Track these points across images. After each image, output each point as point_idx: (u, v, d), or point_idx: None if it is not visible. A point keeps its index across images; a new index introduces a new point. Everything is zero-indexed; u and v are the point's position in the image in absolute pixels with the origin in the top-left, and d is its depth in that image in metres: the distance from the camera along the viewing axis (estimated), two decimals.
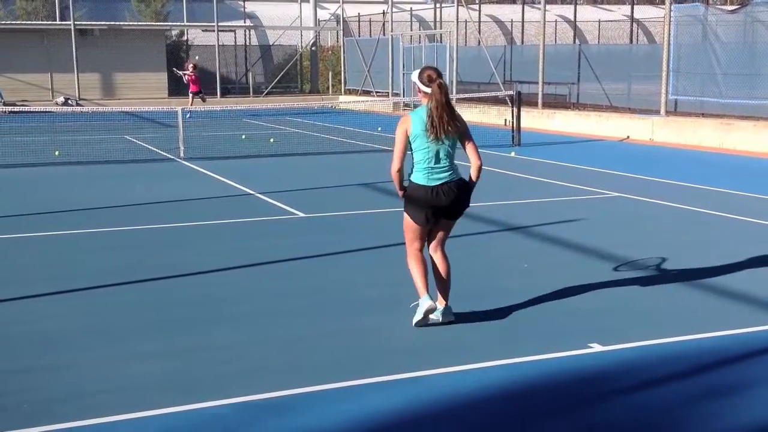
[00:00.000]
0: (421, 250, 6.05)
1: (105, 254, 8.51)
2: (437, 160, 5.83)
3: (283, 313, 6.43)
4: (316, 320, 6.25)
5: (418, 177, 5.88)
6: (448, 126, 5.76)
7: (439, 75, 5.83)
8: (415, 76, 5.89)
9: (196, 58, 31.76)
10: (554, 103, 24.83)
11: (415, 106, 30.34)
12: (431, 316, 5.95)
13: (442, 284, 6.07)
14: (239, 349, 5.62)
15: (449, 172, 5.87)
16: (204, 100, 27.78)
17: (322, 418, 4.50)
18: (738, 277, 7.30)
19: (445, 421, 4.50)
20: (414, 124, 5.84)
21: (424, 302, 5.88)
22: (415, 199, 5.91)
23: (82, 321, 6.25)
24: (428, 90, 5.77)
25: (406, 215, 6.01)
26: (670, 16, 20.20)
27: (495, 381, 5.01)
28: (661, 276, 7.41)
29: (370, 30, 37.92)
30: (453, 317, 6.03)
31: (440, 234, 6.09)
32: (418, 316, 5.91)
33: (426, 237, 6.08)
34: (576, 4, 32.03)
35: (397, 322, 6.11)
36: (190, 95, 27.29)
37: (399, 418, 4.54)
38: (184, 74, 27.52)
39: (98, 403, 4.69)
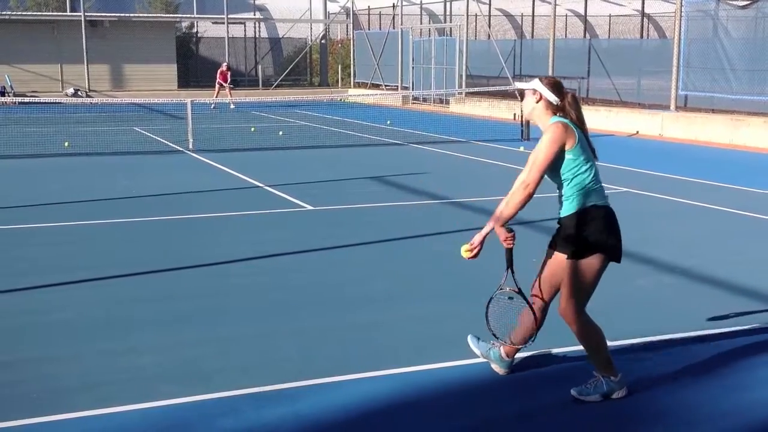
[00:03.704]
0: None
1: (114, 245, 8.54)
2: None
3: (290, 305, 6.44)
4: (324, 313, 6.26)
5: (596, 197, 4.61)
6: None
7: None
8: (535, 83, 4.63)
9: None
10: None
11: (424, 100, 30.42)
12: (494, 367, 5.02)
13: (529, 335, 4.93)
14: (246, 341, 5.64)
15: None
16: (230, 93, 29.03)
17: (327, 409, 4.52)
18: (746, 273, 7.28)
19: (448, 411, 4.53)
20: (576, 132, 4.58)
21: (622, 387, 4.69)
22: (603, 227, 4.56)
23: (91, 312, 6.27)
24: (558, 101, 4.60)
25: (588, 259, 4.59)
26: (681, 11, 20.13)
27: (499, 375, 5.02)
28: (669, 271, 7.40)
29: (380, 23, 37.88)
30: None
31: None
32: (596, 395, 4.67)
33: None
34: None
35: (403, 316, 6.12)
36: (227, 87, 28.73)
37: (403, 409, 4.57)
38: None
39: (106, 393, 4.72)
